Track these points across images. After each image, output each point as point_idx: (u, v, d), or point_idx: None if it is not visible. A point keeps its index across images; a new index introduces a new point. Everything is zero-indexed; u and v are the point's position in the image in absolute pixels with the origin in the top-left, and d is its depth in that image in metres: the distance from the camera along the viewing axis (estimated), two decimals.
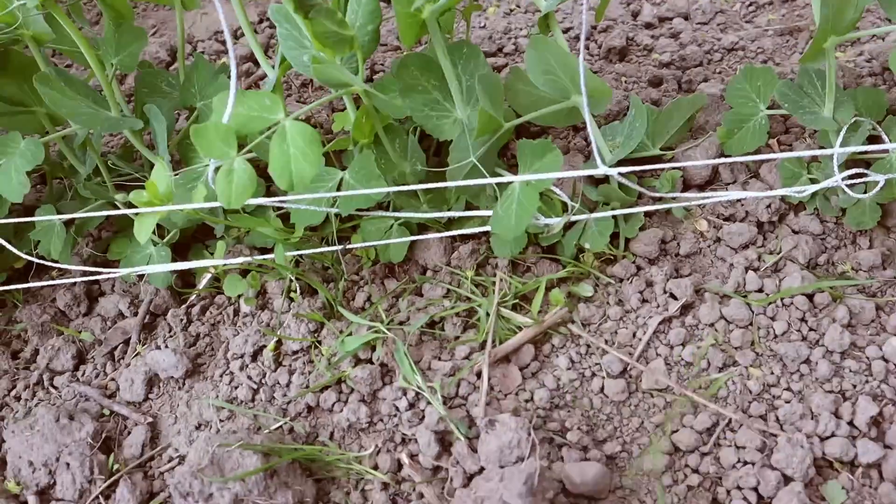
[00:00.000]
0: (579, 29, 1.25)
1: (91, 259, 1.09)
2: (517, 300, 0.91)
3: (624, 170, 0.77)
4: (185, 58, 1.44)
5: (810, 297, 0.86)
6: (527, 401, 0.84)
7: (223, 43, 1.46)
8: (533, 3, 1.36)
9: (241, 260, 0.94)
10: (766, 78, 0.93)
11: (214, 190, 0.81)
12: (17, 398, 1.00)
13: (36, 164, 0.90)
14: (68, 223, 1.02)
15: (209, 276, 1.01)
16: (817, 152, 0.72)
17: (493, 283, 0.92)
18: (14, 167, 0.91)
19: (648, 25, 1.25)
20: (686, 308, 0.88)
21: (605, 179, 0.92)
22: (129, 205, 1.03)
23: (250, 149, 0.78)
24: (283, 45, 0.85)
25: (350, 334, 0.90)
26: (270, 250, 1.02)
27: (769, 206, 0.91)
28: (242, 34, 1.46)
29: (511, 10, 1.35)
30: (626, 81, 1.13)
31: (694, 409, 0.81)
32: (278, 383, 0.90)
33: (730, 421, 0.80)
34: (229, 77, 0.73)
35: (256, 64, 1.39)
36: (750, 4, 1.25)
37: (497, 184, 0.85)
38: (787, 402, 0.80)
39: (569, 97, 0.89)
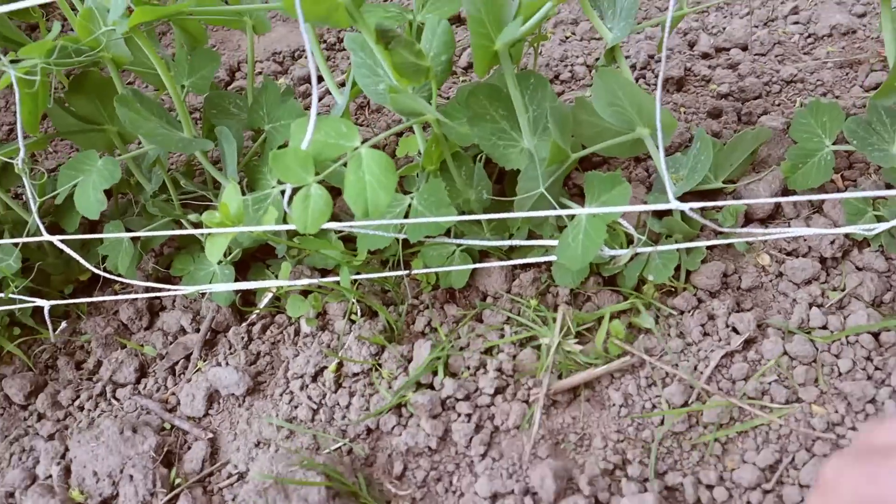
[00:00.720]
0: (636, 58, 1.26)
1: (154, 274, 1.11)
2: (579, 329, 0.91)
3: (695, 205, 0.77)
4: (243, 78, 1.47)
5: (876, 335, 0.86)
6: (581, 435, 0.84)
7: (281, 63, 1.49)
8: (593, 31, 1.37)
9: (304, 282, 0.96)
10: (831, 113, 0.93)
11: (286, 212, 0.83)
12: (81, 408, 1.02)
13: (113, 183, 0.93)
14: (135, 238, 1.05)
15: (270, 295, 1.02)
16: (885, 193, 0.71)
17: (554, 314, 0.92)
18: (92, 185, 0.94)
19: (705, 55, 1.26)
20: (748, 343, 0.88)
21: (669, 212, 0.92)
22: (195, 223, 1.05)
23: (326, 174, 0.80)
24: (357, 72, 0.87)
25: (410, 360, 0.91)
26: (331, 272, 1.04)
27: (833, 242, 0.91)
28: (300, 55, 1.49)
29: (567, 38, 1.36)
30: (684, 112, 1.13)
31: (756, 446, 0.81)
32: (338, 404, 0.92)
33: (793, 458, 0.79)
34: (297, 98, 0.75)
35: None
36: (808, 36, 1.25)
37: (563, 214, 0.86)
38: (852, 441, 0.79)
39: (634, 129, 0.90)
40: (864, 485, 0.35)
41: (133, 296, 1.04)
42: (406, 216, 0.91)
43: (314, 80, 0.72)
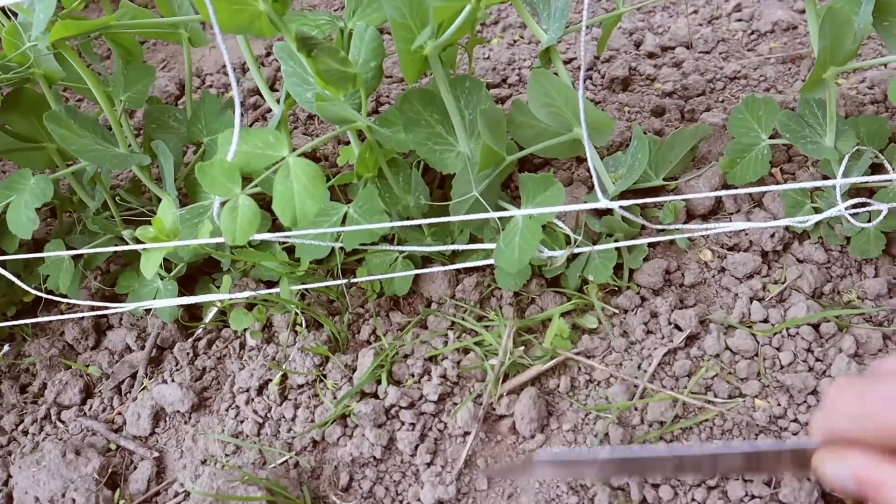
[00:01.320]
0: (582, 60, 1.26)
1: (99, 292, 1.10)
2: (523, 333, 0.91)
3: (626, 202, 0.77)
4: (194, 91, 1.46)
5: (816, 326, 0.86)
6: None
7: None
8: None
9: (246, 294, 0.95)
10: (767, 108, 0.93)
11: (216, 224, 0.82)
12: (25, 432, 1.00)
13: (45, 201, 0.91)
14: (77, 257, 1.03)
15: (215, 309, 1.01)
16: (819, 183, 0.72)
17: (502, 319, 0.92)
18: (24, 204, 0.92)
19: (651, 55, 1.26)
20: (691, 339, 0.88)
21: (609, 211, 0.92)
22: (137, 240, 1.04)
23: (256, 184, 0.79)
24: (288, 81, 0.86)
25: (355, 369, 0.90)
26: (276, 283, 1.03)
27: (773, 235, 0.91)
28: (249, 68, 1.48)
29: (515, 41, 1.36)
30: (629, 111, 1.14)
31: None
32: (283, 417, 0.91)
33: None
34: (247, 111, 0.75)
35: (263, 96, 1.40)
36: (752, 33, 1.25)
37: (500, 217, 0.85)
38: (794, 433, 0.79)
39: (571, 129, 0.90)
40: (853, 403, 0.39)
41: (75, 315, 1.02)
42: (344, 223, 0.90)
43: (235, 90, 0.71)
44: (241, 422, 0.92)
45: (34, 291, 0.95)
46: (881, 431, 0.38)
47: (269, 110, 1.36)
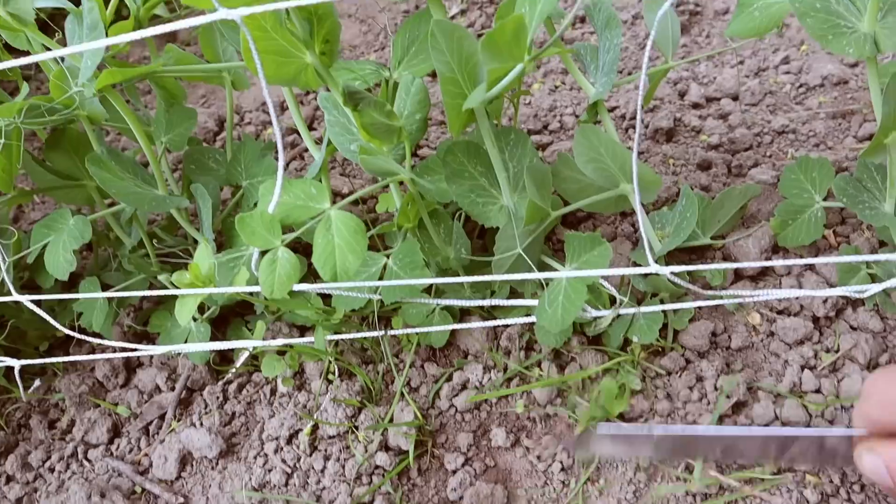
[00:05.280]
0: (625, 108, 1.24)
1: (131, 330, 1.09)
2: (559, 392, 0.88)
3: (676, 269, 0.75)
4: (234, 129, 1.46)
5: None
6: None
7: (268, 113, 1.48)
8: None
9: (279, 342, 0.93)
10: (821, 169, 0.90)
11: (255, 275, 0.80)
12: (52, 470, 0.99)
13: (83, 243, 0.91)
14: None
15: (247, 353, 1.00)
16: (880, 256, 0.69)
17: (539, 370, 0.89)
18: (62, 245, 0.92)
19: (696, 105, 1.24)
20: (738, 406, 0.84)
21: None
22: (172, 283, 1.03)
23: (298, 234, 0.78)
24: (331, 131, 0.85)
25: (391, 419, 0.88)
26: (310, 328, 1.01)
27: (825, 300, 0.88)
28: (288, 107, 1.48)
29: (556, 87, 1.35)
30: (673, 164, 1.11)
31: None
32: (313, 468, 0.88)
33: None
34: (276, 158, 0.73)
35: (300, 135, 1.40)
36: (800, 86, 1.23)
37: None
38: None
39: (617, 185, 0.88)
40: (886, 389, 0.42)
41: (107, 355, 1.01)
42: (382, 275, 0.88)
43: (280, 144, 0.70)
44: (269, 471, 0.90)
45: (66, 331, 0.95)
46: None
47: (307, 148, 1.36)
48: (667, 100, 1.26)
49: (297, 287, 0.81)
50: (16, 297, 0.89)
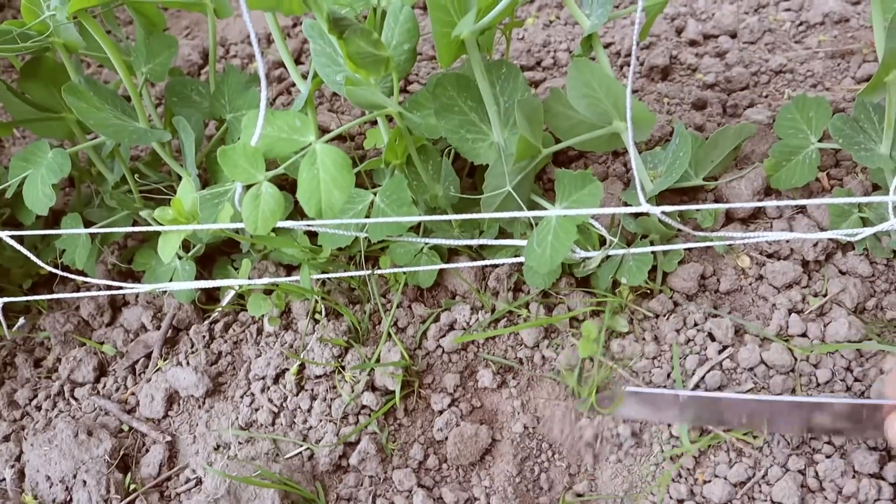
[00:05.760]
0: (621, 44, 1.21)
1: (115, 269, 1.08)
2: (547, 333, 0.88)
3: (667, 208, 0.73)
4: (218, 62, 1.42)
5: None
6: None
7: None
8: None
9: (265, 281, 0.92)
10: (818, 109, 0.88)
11: (238, 210, 0.79)
12: (38, 408, 0.99)
13: (63, 177, 0.88)
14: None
15: (233, 292, 0.99)
16: (873, 199, 0.67)
17: (526, 311, 0.89)
18: (41, 179, 0.89)
19: (693, 43, 1.21)
20: (725, 349, 0.84)
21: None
22: (155, 219, 1.01)
23: (283, 169, 0.76)
24: (316, 61, 0.82)
25: (378, 360, 0.87)
26: (296, 267, 1.00)
27: (816, 244, 0.87)
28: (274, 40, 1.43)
29: (550, 22, 1.31)
30: (668, 103, 1.09)
31: (729, 460, 0.77)
32: (299, 408, 0.88)
33: (766, 473, 0.76)
34: (271, 84, 0.71)
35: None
36: (800, 24, 1.19)
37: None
38: (828, 456, 0.76)
39: (610, 122, 0.86)
40: None
41: (91, 293, 1.00)
42: (369, 213, 0.86)
43: (262, 73, 0.67)
44: (256, 410, 0.90)
45: (50, 268, 0.93)
46: None
47: (294, 83, 1.32)
48: (663, 36, 1.22)
49: (282, 224, 0.79)
50: None
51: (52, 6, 0.79)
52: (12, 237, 0.88)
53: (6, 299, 0.96)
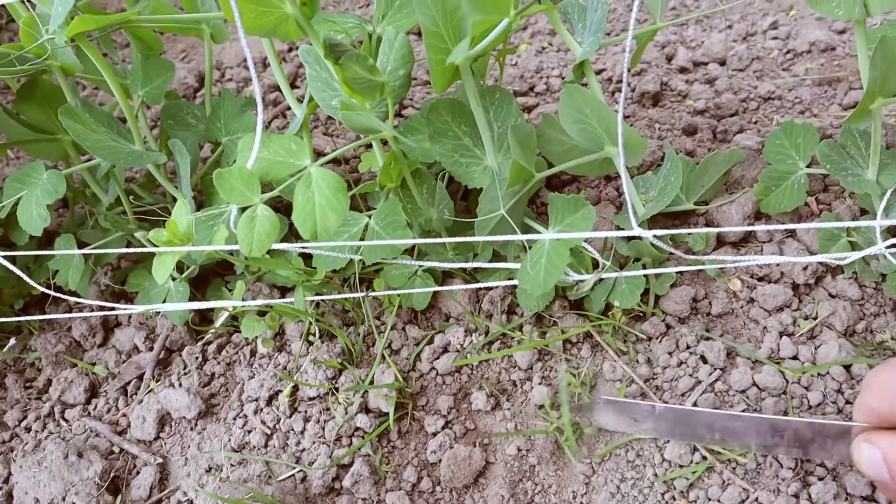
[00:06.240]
0: (612, 71, 1.23)
1: (108, 289, 1.08)
2: (541, 355, 0.88)
3: (659, 232, 0.74)
4: (214, 86, 1.43)
5: (847, 366, 0.82)
6: None
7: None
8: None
9: (259, 302, 0.92)
10: (806, 135, 0.90)
11: (233, 233, 0.79)
12: (28, 429, 0.98)
13: (58, 198, 0.89)
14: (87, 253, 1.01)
15: (227, 313, 0.99)
16: (861, 223, 0.68)
17: (520, 334, 0.89)
18: (35, 200, 0.90)
19: (683, 70, 1.23)
20: (716, 371, 0.85)
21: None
22: (150, 240, 1.02)
23: (278, 192, 0.76)
24: (312, 86, 0.83)
25: (372, 382, 0.87)
26: (290, 289, 1.00)
27: (805, 268, 0.88)
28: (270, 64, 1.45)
29: (543, 48, 1.33)
30: (659, 128, 1.10)
31: (722, 482, 0.78)
32: (293, 430, 0.88)
33: (757, 498, 0.76)
34: (266, 108, 0.72)
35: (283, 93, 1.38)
36: (788, 52, 1.22)
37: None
38: (821, 478, 0.76)
39: (602, 147, 0.87)
40: (889, 380, 0.42)
41: (84, 314, 1.00)
42: (363, 236, 0.87)
43: (258, 96, 0.68)
44: (249, 432, 0.89)
45: (42, 289, 0.93)
46: None
47: (289, 107, 1.34)
48: (654, 63, 1.24)
49: (279, 247, 0.80)
50: None
51: (51, 30, 0.80)
52: (5, 257, 0.88)
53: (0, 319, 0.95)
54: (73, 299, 0.95)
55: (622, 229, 0.92)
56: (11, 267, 0.88)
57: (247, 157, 0.73)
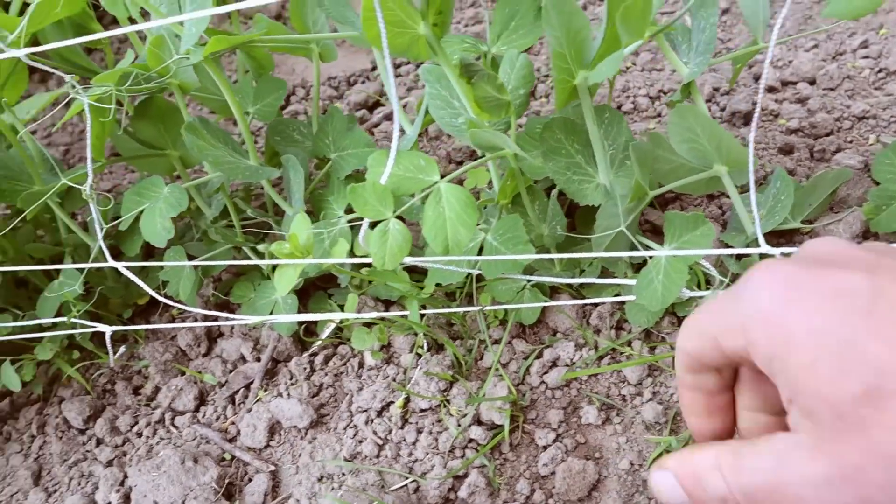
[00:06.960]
0: (700, 90, 1.24)
1: (213, 300, 1.11)
2: (650, 371, 0.89)
3: (781, 249, 0.75)
4: (298, 103, 1.47)
5: None
6: None
7: (336, 88, 1.49)
8: (653, 62, 1.35)
9: (372, 315, 0.94)
10: None
11: (362, 247, 0.81)
12: (139, 434, 1.01)
13: (181, 210, 0.92)
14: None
15: (333, 325, 1.01)
16: None
17: (630, 349, 0.90)
18: (158, 213, 0.93)
19: (772, 89, 1.23)
20: None
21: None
22: (257, 252, 1.05)
23: (403, 210, 0.79)
24: (431, 104, 0.86)
25: (485, 394, 0.89)
26: (393, 302, 1.02)
27: None
28: (355, 81, 1.48)
29: (627, 68, 1.34)
30: (755, 148, 1.11)
31: None
32: (405, 440, 0.90)
33: None
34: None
35: (370, 110, 1.41)
36: (879, 71, 1.22)
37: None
38: None
39: (711, 166, 0.88)
40: (698, 319, 0.39)
41: (193, 324, 1.03)
42: (479, 251, 0.89)
43: (396, 116, 0.71)
44: (360, 442, 0.91)
45: (156, 295, 0.96)
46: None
47: (377, 125, 1.37)
48: (742, 83, 1.25)
49: (410, 261, 0.82)
50: (111, 263, 0.90)
51: (183, 49, 0.83)
52: (127, 268, 0.91)
53: (115, 328, 0.99)
54: (180, 306, 0.98)
55: (730, 246, 0.92)
56: (133, 277, 0.92)
57: (378, 173, 0.76)
